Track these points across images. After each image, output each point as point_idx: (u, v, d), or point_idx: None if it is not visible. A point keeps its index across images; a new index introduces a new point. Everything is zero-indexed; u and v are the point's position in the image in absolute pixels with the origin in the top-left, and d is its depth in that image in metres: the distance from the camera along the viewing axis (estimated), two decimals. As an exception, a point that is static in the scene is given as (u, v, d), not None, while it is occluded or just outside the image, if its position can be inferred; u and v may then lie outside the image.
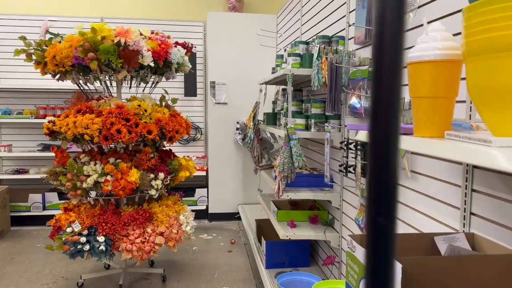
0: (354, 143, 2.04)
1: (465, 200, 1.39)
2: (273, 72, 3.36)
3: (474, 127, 1.13)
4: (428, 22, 1.63)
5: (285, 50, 3.11)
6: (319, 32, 3.01)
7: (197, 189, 4.74)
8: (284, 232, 2.55)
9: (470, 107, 1.36)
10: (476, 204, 1.36)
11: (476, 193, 1.35)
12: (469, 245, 1.32)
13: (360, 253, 1.13)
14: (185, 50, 3.04)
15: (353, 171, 2.07)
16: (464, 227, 1.41)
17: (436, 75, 0.97)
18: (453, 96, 0.99)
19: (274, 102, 3.56)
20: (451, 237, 1.33)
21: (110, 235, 2.78)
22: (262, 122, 3.57)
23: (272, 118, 3.35)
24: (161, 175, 2.83)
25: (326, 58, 2.31)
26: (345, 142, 2.08)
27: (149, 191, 2.82)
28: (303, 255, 2.95)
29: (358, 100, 1.98)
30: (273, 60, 4.65)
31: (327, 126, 2.27)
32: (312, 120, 2.55)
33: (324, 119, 2.55)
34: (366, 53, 2.15)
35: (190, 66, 3.10)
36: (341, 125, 2.50)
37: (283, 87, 3.49)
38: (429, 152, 0.94)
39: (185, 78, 4.85)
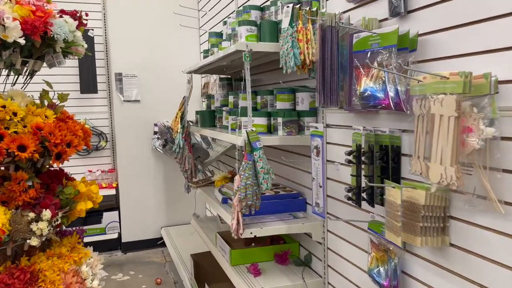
0: (367, 154, 1.28)
1: None
2: (205, 56, 2.49)
3: None
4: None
5: (224, 23, 2.26)
6: (267, 1, 2.21)
7: (105, 213, 3.67)
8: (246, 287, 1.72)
9: None
10: None
11: None
12: None
13: None
14: (76, 22, 2.04)
15: (368, 198, 1.32)
16: None
17: None
18: None
19: (210, 97, 2.68)
20: None
21: (-36, 317, 1.74)
22: (193, 124, 2.68)
23: (209, 118, 2.47)
24: (47, 212, 1.82)
25: (304, 23, 1.52)
26: (355, 153, 1.32)
27: (28, 239, 1.80)
28: (266, 305, 2.15)
29: (376, 85, 1.23)
30: (197, 45, 3.75)
31: (315, 128, 1.48)
32: (280, 119, 1.75)
33: (296, 116, 1.76)
34: (373, 11, 1.40)
35: (85, 45, 2.11)
36: (323, 123, 1.73)
37: (221, 76, 2.64)
38: None
39: (80, 69, 3.71)
